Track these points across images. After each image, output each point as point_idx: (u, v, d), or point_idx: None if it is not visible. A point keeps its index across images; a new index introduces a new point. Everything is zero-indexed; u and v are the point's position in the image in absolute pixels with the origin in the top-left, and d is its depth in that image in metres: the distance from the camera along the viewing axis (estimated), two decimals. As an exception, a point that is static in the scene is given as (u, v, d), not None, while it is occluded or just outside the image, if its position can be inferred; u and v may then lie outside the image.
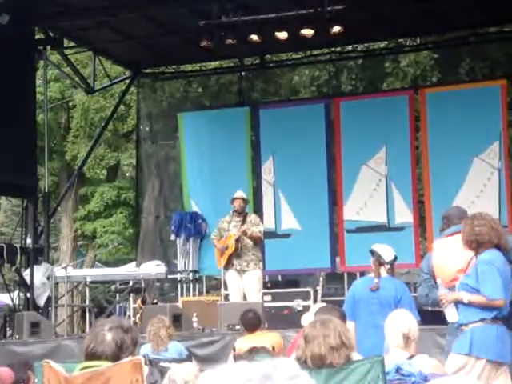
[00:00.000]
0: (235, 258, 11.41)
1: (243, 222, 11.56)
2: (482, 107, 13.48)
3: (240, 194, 11.89)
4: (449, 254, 6.32)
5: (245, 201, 11.79)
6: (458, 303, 6.02)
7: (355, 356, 4.56)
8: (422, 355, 5.45)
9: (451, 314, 6.09)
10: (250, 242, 11.44)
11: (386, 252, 7.83)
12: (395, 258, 7.83)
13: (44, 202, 14.12)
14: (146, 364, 4.41)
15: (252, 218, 11.75)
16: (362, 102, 14.86)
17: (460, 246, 6.10)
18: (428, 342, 8.27)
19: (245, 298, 11.39)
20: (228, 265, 11.44)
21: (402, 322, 5.55)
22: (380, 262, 7.75)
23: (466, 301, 5.92)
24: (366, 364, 4.34)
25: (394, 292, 7.60)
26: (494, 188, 13.39)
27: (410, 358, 5.37)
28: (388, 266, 7.75)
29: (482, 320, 5.89)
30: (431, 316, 10.27)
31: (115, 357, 3.99)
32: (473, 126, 13.43)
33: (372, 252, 7.86)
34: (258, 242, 11.58)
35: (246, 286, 11.39)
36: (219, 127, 14.99)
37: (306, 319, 6.96)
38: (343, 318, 6.44)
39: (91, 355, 4.02)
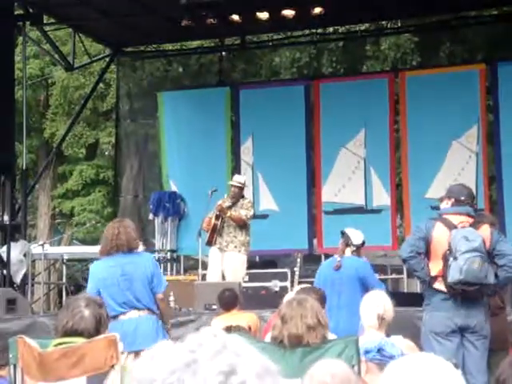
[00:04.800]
0: (218, 236, 11.33)
1: (233, 204, 11.42)
2: (461, 91, 13.53)
3: (237, 178, 11.76)
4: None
5: (240, 186, 11.58)
6: None
7: (330, 336, 4.59)
8: (396, 336, 5.49)
9: None
10: (232, 223, 11.34)
11: (356, 236, 8.08)
12: (363, 242, 8.09)
13: (22, 179, 14.05)
14: (121, 341, 4.41)
15: (244, 202, 11.53)
16: (342, 84, 14.89)
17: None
18: (403, 323, 8.31)
19: (223, 277, 11.34)
20: (211, 242, 11.35)
21: (377, 302, 5.60)
22: (347, 243, 7.97)
23: None
24: (341, 344, 4.37)
25: (355, 270, 7.77)
26: (472, 172, 13.47)
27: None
28: (354, 248, 7.97)
29: None
30: (406, 297, 10.35)
31: (96, 332, 4.01)
32: (452, 110, 13.48)
33: (342, 233, 8.11)
34: (240, 226, 11.37)
35: (225, 266, 11.32)
36: (199, 107, 14.96)
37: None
38: (322, 299, 6.49)
39: (71, 332, 4.02)
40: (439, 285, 6.34)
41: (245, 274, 11.59)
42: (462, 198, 6.51)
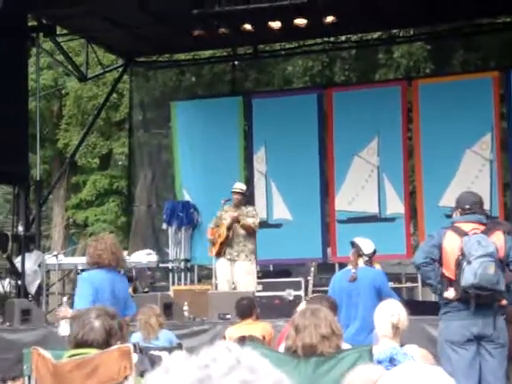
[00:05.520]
0: (227, 247, 11.37)
1: (238, 212, 11.49)
2: (474, 99, 13.50)
3: (239, 185, 11.85)
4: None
5: (242, 193, 11.71)
6: None
7: (344, 345, 4.58)
8: (411, 345, 5.47)
9: (64, 329, 6.89)
10: (241, 232, 11.39)
11: (366, 245, 8.00)
12: (374, 251, 8.01)
13: (36, 189, 14.10)
14: (136, 352, 4.41)
15: (249, 209, 11.64)
16: (354, 92, 14.86)
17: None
18: (417, 332, 8.29)
19: (234, 288, 11.36)
20: (219, 253, 11.41)
21: (392, 311, 5.57)
22: (359, 254, 7.89)
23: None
24: (355, 353, 4.35)
25: (371, 280, 7.72)
26: (486, 179, 13.42)
27: (400, 347, 5.39)
28: (366, 258, 7.89)
29: None
30: (421, 306, 10.31)
31: (106, 343, 4.00)
32: (465, 118, 13.44)
33: (352, 244, 8.02)
34: (250, 233, 11.46)
35: (236, 276, 11.36)
36: (212, 116, 14.98)
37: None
38: (334, 307, 6.48)
39: (81, 343, 4.02)
40: (451, 293, 6.32)
41: (256, 283, 11.61)
42: (467, 207, 6.49)
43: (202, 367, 1.46)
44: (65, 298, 8.46)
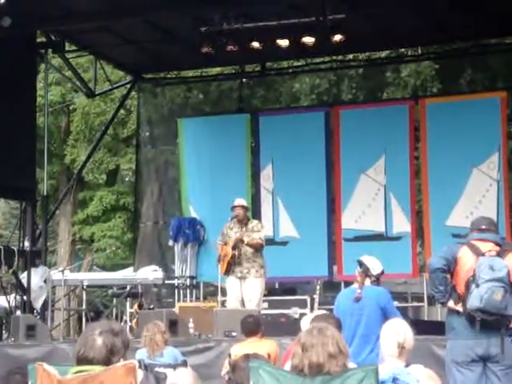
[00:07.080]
0: (236, 265, 11.31)
1: (244, 228, 11.46)
2: (481, 119, 13.50)
3: (239, 201, 11.78)
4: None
5: (245, 208, 11.67)
6: None
7: (350, 364, 4.55)
8: (416, 365, 5.43)
9: None
10: (249, 249, 11.35)
11: (375, 265, 7.85)
12: (382, 271, 7.88)
13: (43, 205, 14.12)
14: (141, 369, 4.38)
15: (254, 224, 11.60)
16: (362, 111, 14.88)
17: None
18: (423, 351, 8.26)
19: (243, 305, 11.30)
20: (228, 271, 11.36)
21: (398, 331, 5.54)
22: (367, 274, 7.78)
23: None
24: (360, 372, 4.32)
25: (376, 300, 7.64)
26: (493, 199, 13.40)
27: (405, 367, 5.36)
28: (374, 278, 7.78)
29: None
30: (427, 326, 10.28)
31: (106, 361, 3.98)
32: (472, 137, 13.44)
33: (360, 263, 7.87)
34: (258, 249, 11.41)
35: (245, 293, 11.30)
36: (219, 133, 15.00)
37: (306, 322, 6.94)
38: (339, 325, 6.44)
39: (82, 360, 4.01)
40: (459, 308, 6.31)
41: (262, 299, 11.59)
42: (483, 227, 6.50)
43: None
44: None
